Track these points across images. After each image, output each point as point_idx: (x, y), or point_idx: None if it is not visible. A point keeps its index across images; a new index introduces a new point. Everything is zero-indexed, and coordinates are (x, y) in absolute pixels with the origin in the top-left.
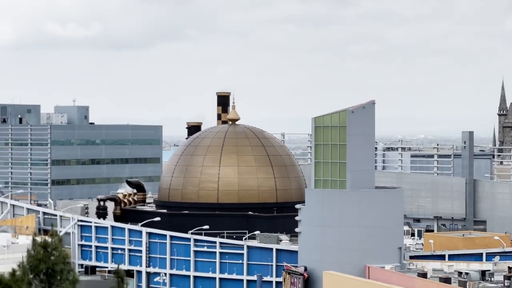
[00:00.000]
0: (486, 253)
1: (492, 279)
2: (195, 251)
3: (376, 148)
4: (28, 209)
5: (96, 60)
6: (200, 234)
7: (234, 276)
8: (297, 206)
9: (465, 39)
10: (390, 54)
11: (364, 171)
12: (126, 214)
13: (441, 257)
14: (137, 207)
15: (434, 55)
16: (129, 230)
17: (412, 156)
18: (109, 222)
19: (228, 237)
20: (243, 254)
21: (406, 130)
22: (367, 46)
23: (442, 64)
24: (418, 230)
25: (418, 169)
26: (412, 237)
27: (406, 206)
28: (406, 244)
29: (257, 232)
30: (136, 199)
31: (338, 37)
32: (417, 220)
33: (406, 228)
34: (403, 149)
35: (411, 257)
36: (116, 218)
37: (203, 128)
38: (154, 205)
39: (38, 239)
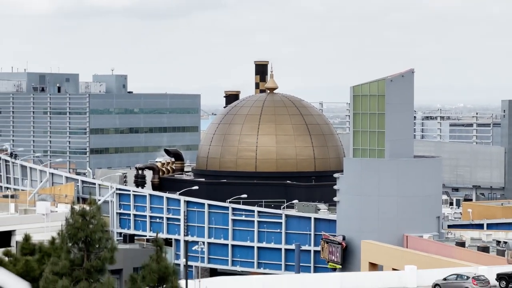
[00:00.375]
0: None
1: None
2: (233, 220)
3: (414, 117)
4: (67, 178)
5: (134, 29)
6: (238, 203)
7: (272, 245)
8: (335, 175)
9: (505, 6)
10: (429, 23)
11: (402, 140)
12: (164, 183)
13: (480, 226)
14: (175, 175)
15: (474, 23)
16: (167, 198)
17: (451, 125)
18: (147, 190)
19: (266, 206)
20: (281, 223)
21: (445, 99)
22: (406, 14)
23: (482, 32)
24: (456, 199)
25: (457, 138)
26: (450, 206)
27: (444, 175)
28: (444, 213)
29: (295, 201)
30: (174, 167)
31: (377, 5)
32: (456, 189)
33: (444, 197)
34: (442, 118)
35: (450, 226)
36: (154, 187)
37: (241, 97)
38: (192, 173)
39: (77, 207)
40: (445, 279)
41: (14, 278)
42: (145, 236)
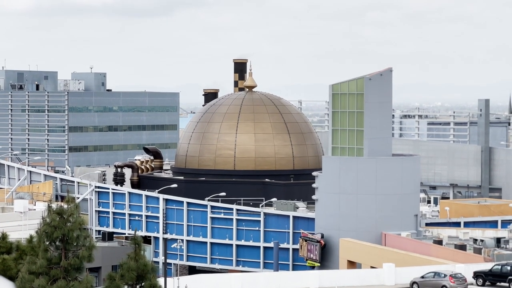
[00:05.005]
0: (501, 220)
1: (507, 246)
2: (212, 218)
3: (393, 115)
4: (45, 176)
5: (113, 27)
6: (217, 201)
7: (250, 243)
8: (314, 173)
9: (482, 6)
10: (407, 21)
11: (381, 139)
12: (143, 181)
13: (457, 224)
14: (154, 173)
15: (451, 21)
16: (146, 196)
17: (428, 123)
18: (126, 188)
19: (245, 204)
20: (259, 221)
21: (423, 97)
22: (384, 13)
23: (459, 31)
24: (434, 197)
25: (434, 137)
26: (428, 204)
27: (422, 174)
28: (422, 211)
29: (274, 199)
30: (153, 166)
31: (356, 4)
32: (433, 188)
33: (422, 195)
34: (420, 116)
35: (427, 224)
36: (133, 185)
37: (220, 95)
38: (171, 172)
39: (54, 206)
40: (422, 277)
41: None
42: (124, 234)
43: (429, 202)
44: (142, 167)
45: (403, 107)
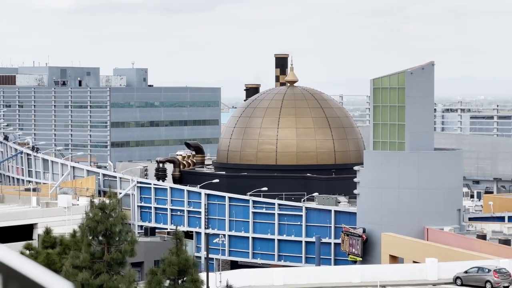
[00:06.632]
0: None
1: None
2: (254, 213)
3: (435, 109)
4: (88, 171)
5: (155, 23)
6: (259, 195)
7: (292, 238)
8: (355, 167)
9: None
10: (449, 15)
11: (423, 133)
12: (185, 176)
13: (501, 219)
14: (196, 169)
15: (494, 14)
16: (188, 191)
17: (471, 117)
18: (168, 183)
19: (286, 199)
20: (301, 215)
21: (465, 91)
22: (426, 7)
23: (502, 24)
24: (477, 191)
25: (477, 131)
26: (471, 199)
27: (465, 168)
28: (465, 206)
29: (315, 194)
30: (195, 161)
31: None
32: (477, 182)
33: (465, 189)
34: (462, 110)
35: (470, 219)
36: (175, 180)
37: (261, 90)
38: (213, 167)
39: (96, 201)
40: (466, 272)
41: (56, 277)
42: (166, 229)
43: (472, 196)
44: (184, 162)
45: (445, 101)
